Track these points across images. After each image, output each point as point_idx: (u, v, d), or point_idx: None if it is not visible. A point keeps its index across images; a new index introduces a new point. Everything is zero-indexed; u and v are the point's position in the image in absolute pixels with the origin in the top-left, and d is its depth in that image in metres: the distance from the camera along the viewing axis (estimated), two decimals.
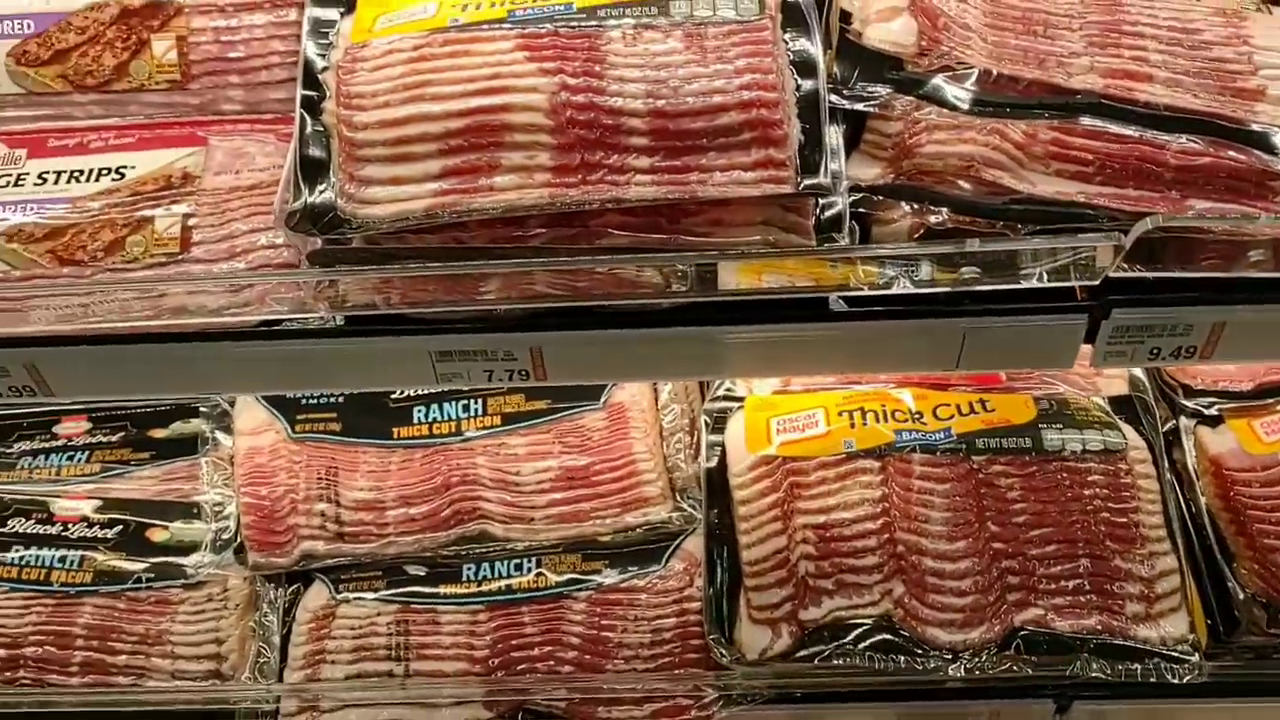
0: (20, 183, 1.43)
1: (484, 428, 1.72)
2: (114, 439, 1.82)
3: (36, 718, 1.55)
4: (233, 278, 1.31)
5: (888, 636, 1.45)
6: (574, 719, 1.50)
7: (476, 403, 1.74)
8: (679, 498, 1.65)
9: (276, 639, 1.56)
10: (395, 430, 1.72)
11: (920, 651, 1.44)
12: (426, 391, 1.75)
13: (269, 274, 1.32)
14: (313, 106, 1.30)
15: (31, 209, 1.39)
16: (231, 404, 1.75)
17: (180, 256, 1.36)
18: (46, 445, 1.82)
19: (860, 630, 1.45)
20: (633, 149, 1.24)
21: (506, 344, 1.35)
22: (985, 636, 1.47)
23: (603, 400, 1.73)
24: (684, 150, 1.23)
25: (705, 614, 1.51)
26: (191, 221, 1.38)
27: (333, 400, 1.74)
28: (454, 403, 1.74)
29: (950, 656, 1.43)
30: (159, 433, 1.83)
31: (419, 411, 1.74)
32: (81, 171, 1.44)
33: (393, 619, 1.56)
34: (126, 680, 1.53)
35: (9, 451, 1.82)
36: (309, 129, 1.28)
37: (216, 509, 1.66)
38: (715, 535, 1.55)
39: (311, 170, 1.26)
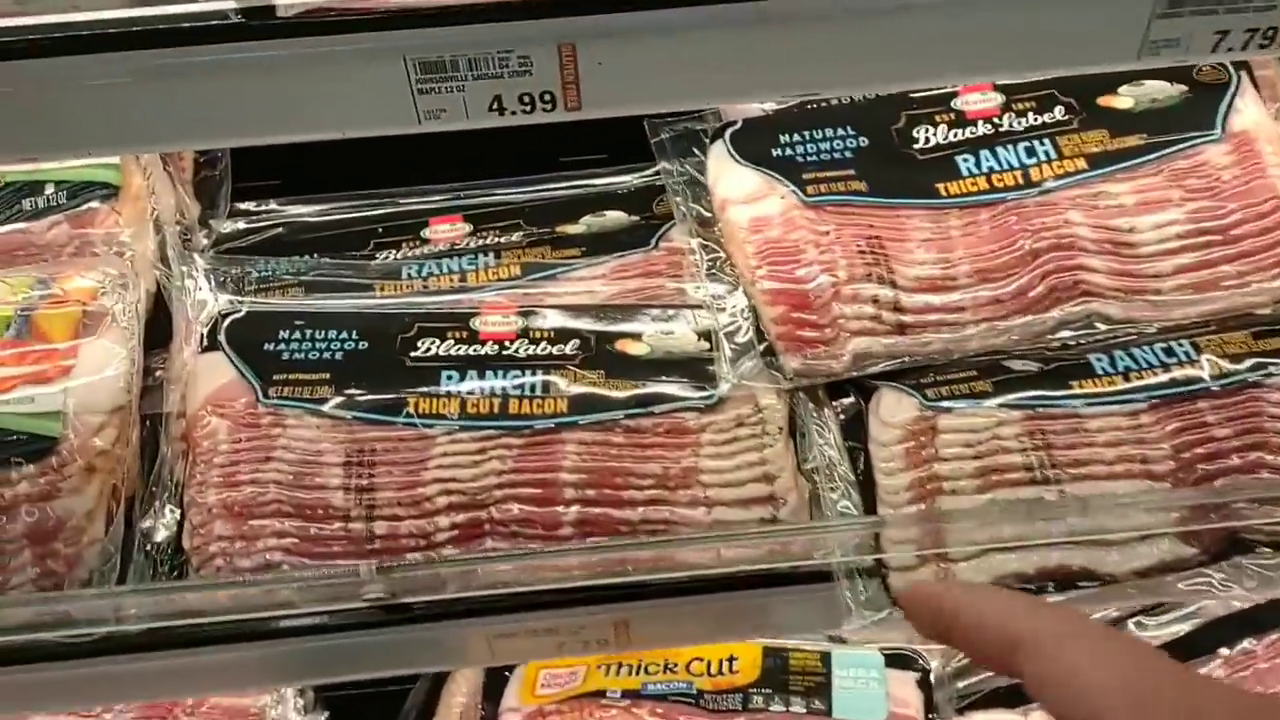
0: None
1: (1065, 174, 1.24)
2: (515, 238, 1.37)
3: (522, 597, 1.12)
4: None
5: None
6: None
7: (1043, 143, 1.27)
8: None
9: (845, 469, 1.14)
10: (941, 186, 1.25)
11: None
12: (968, 135, 1.29)
13: None
14: None
15: None
16: (701, 170, 1.30)
17: None
18: (427, 251, 1.34)
19: None
20: None
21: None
22: None
23: (1221, 128, 1.26)
24: None
25: None
26: None
27: (847, 154, 1.28)
28: (1011, 146, 1.28)
29: None
30: (569, 229, 1.35)
31: (965, 162, 1.27)
32: None
33: (1020, 429, 1.12)
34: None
35: (376, 263, 1.33)
36: None
37: (718, 302, 1.22)
38: None
39: None
